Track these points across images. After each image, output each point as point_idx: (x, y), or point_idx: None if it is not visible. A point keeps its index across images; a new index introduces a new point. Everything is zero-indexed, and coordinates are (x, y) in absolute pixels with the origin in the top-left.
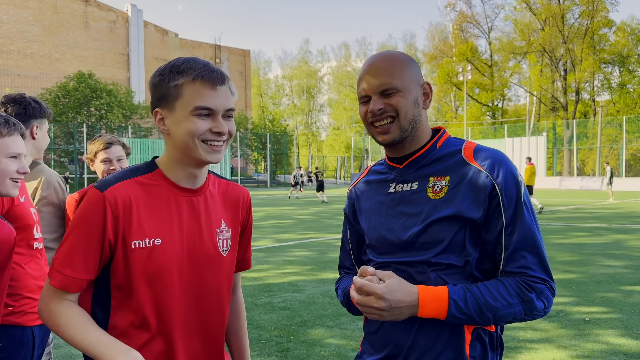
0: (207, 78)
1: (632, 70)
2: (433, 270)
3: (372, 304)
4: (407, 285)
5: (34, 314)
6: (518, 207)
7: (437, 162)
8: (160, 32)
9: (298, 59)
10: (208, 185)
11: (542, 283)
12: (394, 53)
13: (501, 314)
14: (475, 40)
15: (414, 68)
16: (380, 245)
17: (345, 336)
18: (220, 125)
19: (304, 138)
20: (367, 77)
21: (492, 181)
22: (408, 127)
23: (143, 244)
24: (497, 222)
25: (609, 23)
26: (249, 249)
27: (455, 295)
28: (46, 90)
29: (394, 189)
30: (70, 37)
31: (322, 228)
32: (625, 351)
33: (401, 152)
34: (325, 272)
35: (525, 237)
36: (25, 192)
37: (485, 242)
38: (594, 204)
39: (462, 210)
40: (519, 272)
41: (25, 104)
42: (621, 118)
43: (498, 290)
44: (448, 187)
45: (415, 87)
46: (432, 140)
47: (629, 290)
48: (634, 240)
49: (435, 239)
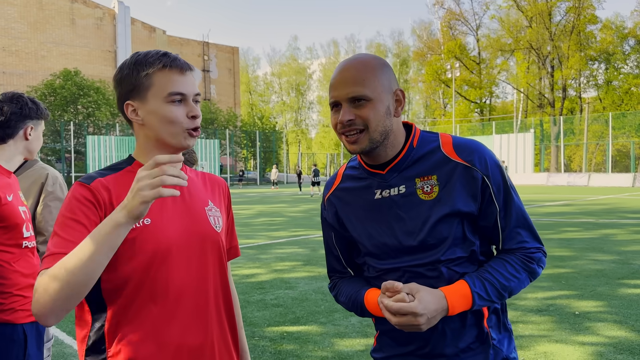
0: (175, 65)
1: (618, 67)
2: (444, 265)
3: (412, 322)
4: (435, 293)
5: (25, 312)
6: (507, 192)
7: (419, 162)
8: (148, 29)
9: (287, 56)
10: (186, 172)
11: (537, 251)
12: (366, 58)
13: (514, 290)
14: (464, 38)
15: (386, 74)
16: (381, 252)
17: (339, 332)
18: (194, 109)
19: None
20: (338, 82)
21: (481, 175)
22: (379, 138)
23: (133, 225)
24: (491, 209)
25: (594, 19)
26: (235, 237)
27: (476, 288)
28: (32, 88)
29: (380, 195)
30: (56, 34)
31: (313, 225)
32: (615, 343)
33: (379, 159)
34: (317, 268)
35: (517, 216)
36: (14, 190)
37: (482, 229)
38: (582, 200)
39: (460, 207)
40: (518, 247)
41: (22, 103)
42: (607, 114)
43: (507, 270)
44: (438, 187)
45: (387, 95)
46: (408, 142)
47: (618, 284)
48: (621, 235)
49: (440, 238)
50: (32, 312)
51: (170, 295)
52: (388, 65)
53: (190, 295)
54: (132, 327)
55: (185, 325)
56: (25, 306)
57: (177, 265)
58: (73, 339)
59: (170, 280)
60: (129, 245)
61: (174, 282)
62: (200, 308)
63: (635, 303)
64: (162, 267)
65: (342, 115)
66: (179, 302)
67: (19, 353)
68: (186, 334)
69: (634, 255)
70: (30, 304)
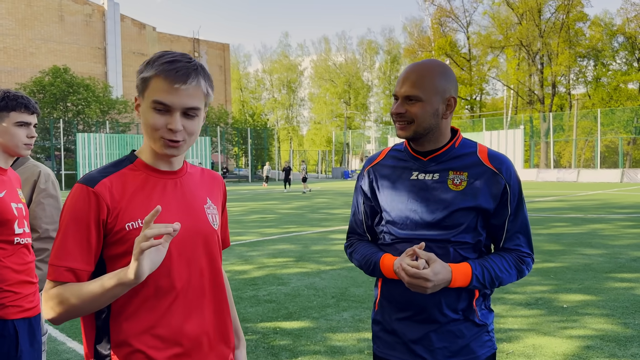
0: (169, 75)
1: (606, 64)
2: (452, 246)
3: (421, 284)
4: (445, 266)
5: (16, 307)
6: (519, 201)
7: (456, 160)
8: (138, 25)
9: (278, 53)
10: (186, 169)
11: (528, 256)
12: (432, 65)
13: (504, 281)
14: (454, 35)
15: (444, 81)
16: (402, 223)
17: (331, 327)
18: (174, 123)
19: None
20: (401, 81)
21: (505, 182)
22: (422, 132)
23: (136, 224)
24: (504, 212)
25: (583, 17)
26: (227, 229)
27: (477, 271)
28: (21, 85)
29: (416, 177)
30: (45, 31)
31: (304, 222)
32: (602, 335)
33: (423, 147)
34: (309, 265)
35: (522, 223)
36: (8, 187)
37: (491, 226)
38: (571, 195)
39: (480, 203)
40: (514, 249)
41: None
42: (596, 111)
43: (502, 264)
44: (467, 182)
45: (439, 100)
46: (451, 141)
47: (605, 278)
48: (609, 230)
49: (455, 223)
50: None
51: (170, 290)
52: (449, 74)
53: (188, 290)
54: (134, 320)
55: (183, 318)
56: (16, 302)
57: (176, 261)
58: (67, 336)
59: (169, 276)
60: (132, 243)
61: (173, 277)
62: (197, 302)
63: (622, 296)
64: (163, 264)
65: (395, 107)
66: (178, 296)
67: (11, 349)
68: (184, 326)
69: (621, 249)
70: (21, 300)
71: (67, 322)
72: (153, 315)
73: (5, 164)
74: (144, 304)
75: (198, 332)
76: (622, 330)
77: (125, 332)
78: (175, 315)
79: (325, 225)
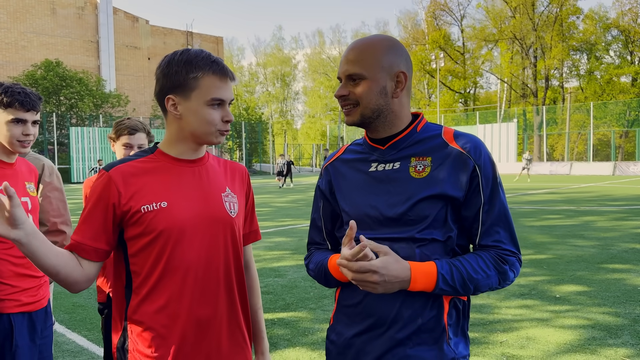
0: (222, 73)
1: (599, 57)
2: (418, 246)
3: (367, 278)
4: (401, 261)
5: (12, 301)
6: (494, 187)
7: (418, 144)
8: (131, 18)
9: (272, 46)
10: (208, 159)
11: (512, 255)
12: (374, 39)
13: (480, 285)
14: (448, 28)
15: (390, 55)
16: (361, 222)
17: (328, 318)
18: (229, 115)
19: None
20: (343, 60)
21: (474, 163)
22: (371, 115)
23: (151, 207)
24: (476, 200)
25: (577, 11)
26: (255, 221)
27: (443, 270)
28: (13, 78)
29: (375, 168)
30: (36, 24)
31: (300, 215)
32: (593, 324)
33: (379, 134)
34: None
35: (500, 214)
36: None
37: (463, 219)
38: (564, 188)
39: (446, 189)
40: (494, 245)
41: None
42: (589, 104)
43: (478, 264)
44: (431, 167)
45: (385, 76)
46: (412, 125)
47: (597, 268)
48: (601, 222)
49: (420, 216)
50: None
51: (182, 271)
52: (396, 48)
53: (200, 273)
54: (150, 299)
55: (195, 300)
56: (13, 296)
57: (189, 244)
58: (66, 327)
59: (183, 258)
60: (147, 225)
61: (185, 259)
62: (210, 285)
63: (613, 286)
64: (177, 246)
65: (338, 90)
66: (190, 278)
67: (6, 343)
68: (195, 308)
69: (613, 240)
70: (19, 294)
71: (66, 314)
72: (165, 295)
73: (9, 158)
74: (158, 285)
75: (209, 316)
76: (613, 319)
77: (140, 310)
78: (186, 296)
79: None
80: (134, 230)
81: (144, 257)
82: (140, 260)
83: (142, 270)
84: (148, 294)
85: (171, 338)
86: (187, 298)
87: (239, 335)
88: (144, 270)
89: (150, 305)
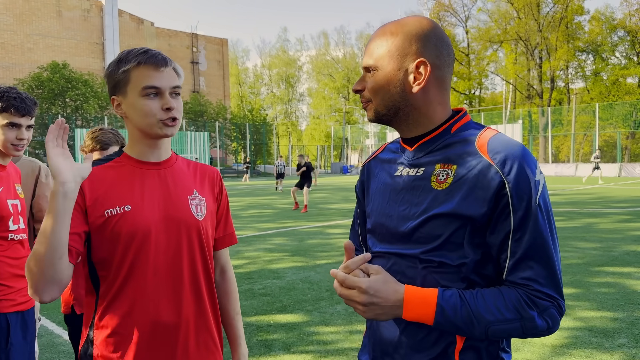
0: (150, 61)
1: (606, 58)
2: (424, 267)
3: (354, 297)
4: (393, 283)
5: (9, 301)
6: (530, 210)
7: (448, 149)
8: (136, 20)
9: (277, 48)
10: (175, 161)
11: (547, 300)
12: (396, 24)
13: (495, 329)
14: (453, 29)
15: (408, 40)
16: (379, 232)
17: (325, 320)
18: (168, 102)
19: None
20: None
21: (502, 178)
22: (386, 112)
23: (114, 211)
24: (504, 225)
25: (580, 9)
26: (230, 224)
27: (445, 301)
28: (19, 81)
29: (400, 173)
30: (42, 26)
31: (302, 217)
32: (590, 327)
33: (407, 133)
34: (304, 259)
35: (535, 245)
36: (5, 183)
37: (489, 245)
38: (568, 190)
39: (461, 208)
40: (523, 284)
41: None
42: (595, 105)
43: (495, 302)
44: (453, 178)
45: (398, 66)
46: (446, 124)
47: (597, 271)
48: (604, 224)
49: (431, 235)
50: (28, 293)
51: (147, 275)
52: (421, 33)
53: (165, 277)
54: (115, 305)
55: (160, 305)
56: (9, 296)
57: (154, 248)
58: (63, 329)
59: (147, 262)
60: (111, 229)
61: (150, 263)
62: (175, 290)
63: (613, 288)
64: (141, 250)
65: (354, 85)
66: (154, 282)
67: (1, 341)
68: (161, 313)
69: (615, 243)
70: (15, 294)
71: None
72: (130, 300)
73: (3, 161)
74: (122, 290)
75: (175, 321)
76: (610, 322)
77: (107, 317)
78: (151, 300)
79: (322, 220)
80: (99, 234)
81: (108, 261)
82: (106, 265)
83: (107, 276)
84: (113, 298)
85: (136, 342)
86: (152, 302)
87: (208, 340)
88: (109, 276)
89: (115, 310)
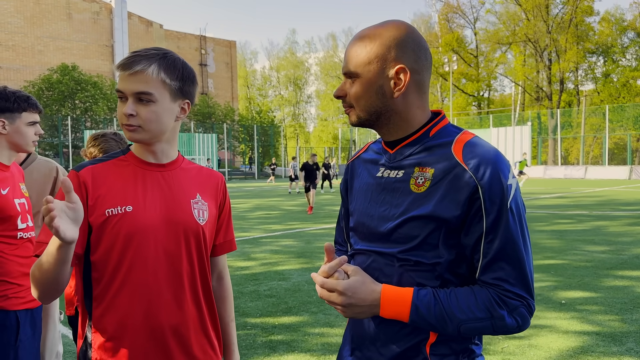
0: (120, 65)
1: (616, 60)
2: (401, 265)
3: (333, 299)
4: (370, 284)
5: (19, 299)
6: (502, 213)
7: (426, 152)
8: (145, 23)
9: (285, 50)
10: (180, 164)
11: (517, 299)
12: (374, 30)
13: (467, 327)
14: (461, 31)
15: (386, 46)
16: (360, 231)
17: (329, 322)
18: (127, 108)
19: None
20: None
21: (476, 182)
22: (368, 117)
23: (115, 211)
24: (477, 227)
25: (589, 10)
26: (231, 231)
27: (419, 300)
28: (29, 83)
29: (381, 174)
30: (52, 29)
31: (309, 218)
32: (598, 331)
33: (388, 136)
34: (311, 260)
35: (506, 247)
36: (10, 183)
37: (463, 246)
38: (577, 192)
39: (438, 211)
40: (495, 284)
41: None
42: (604, 107)
43: (467, 302)
44: (430, 182)
45: (379, 72)
46: (425, 127)
47: (606, 274)
48: (613, 227)
49: (408, 235)
50: (31, 293)
51: (146, 278)
52: (400, 38)
53: (164, 280)
54: (112, 307)
55: (159, 308)
56: (19, 294)
57: (153, 250)
58: (68, 329)
59: (146, 264)
60: (110, 229)
61: (148, 266)
62: (174, 293)
63: (622, 292)
64: (139, 251)
65: (335, 90)
66: (153, 285)
67: (11, 338)
68: (159, 316)
69: (624, 246)
70: (24, 292)
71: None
72: (128, 303)
73: (8, 160)
74: (120, 291)
75: (174, 324)
76: (618, 326)
77: (104, 318)
78: (149, 304)
79: (330, 222)
80: (98, 233)
81: (105, 262)
82: (102, 266)
83: (104, 277)
84: (111, 301)
85: (133, 345)
86: (150, 306)
87: (206, 345)
88: (106, 277)
89: (113, 313)
